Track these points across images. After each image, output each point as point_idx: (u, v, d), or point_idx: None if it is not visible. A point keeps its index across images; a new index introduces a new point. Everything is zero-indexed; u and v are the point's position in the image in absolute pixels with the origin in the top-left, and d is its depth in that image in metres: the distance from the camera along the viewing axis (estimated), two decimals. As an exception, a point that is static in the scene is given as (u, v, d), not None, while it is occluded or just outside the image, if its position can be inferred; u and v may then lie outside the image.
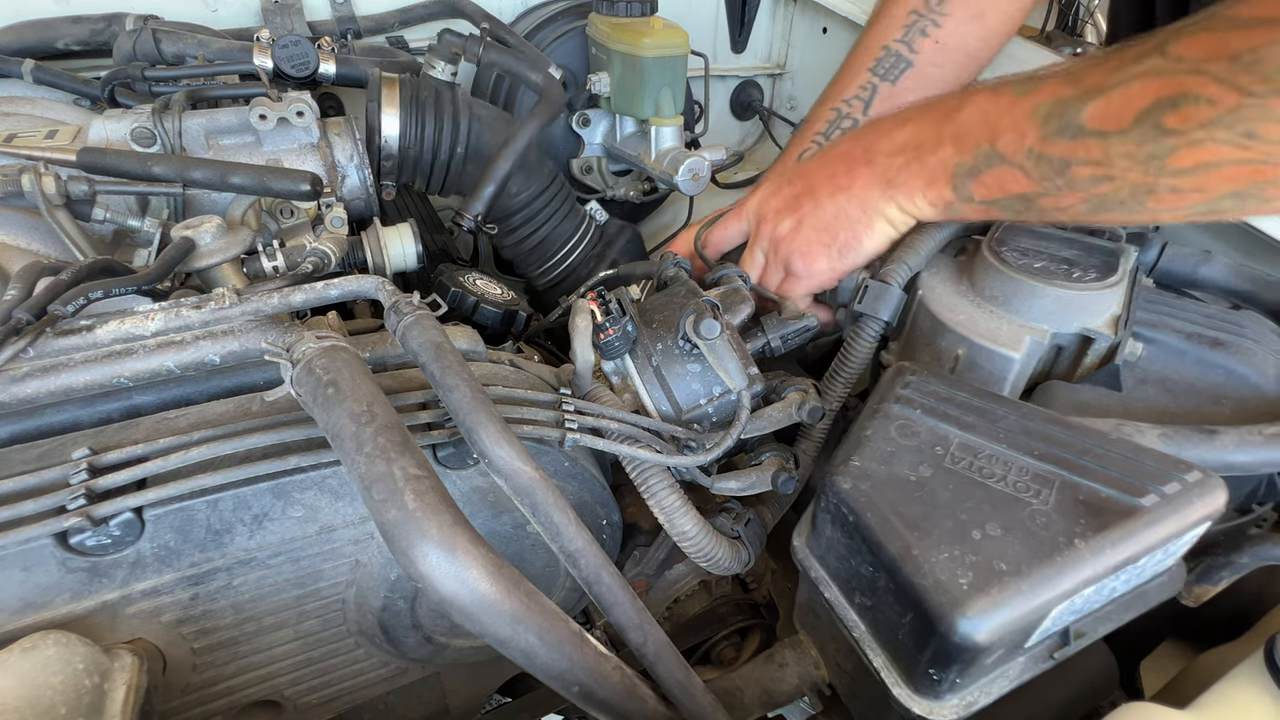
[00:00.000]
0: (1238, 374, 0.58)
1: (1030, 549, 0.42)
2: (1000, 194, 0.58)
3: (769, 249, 0.75)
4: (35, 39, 0.88)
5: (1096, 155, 0.50)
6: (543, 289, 1.05)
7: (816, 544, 0.53)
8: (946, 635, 0.41)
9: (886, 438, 0.50)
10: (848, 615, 0.51)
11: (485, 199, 0.84)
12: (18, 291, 0.50)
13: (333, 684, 0.61)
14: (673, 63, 1.00)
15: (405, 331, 0.49)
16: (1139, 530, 0.42)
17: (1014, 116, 0.55)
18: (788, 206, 0.74)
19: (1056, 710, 0.60)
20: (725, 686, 0.63)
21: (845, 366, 0.68)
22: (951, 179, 0.61)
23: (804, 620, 0.62)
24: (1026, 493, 0.45)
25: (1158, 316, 0.61)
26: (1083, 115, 0.50)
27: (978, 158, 0.58)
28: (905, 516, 0.45)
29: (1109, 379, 0.59)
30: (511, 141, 0.84)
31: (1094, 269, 0.59)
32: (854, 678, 0.56)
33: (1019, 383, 0.61)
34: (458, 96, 0.88)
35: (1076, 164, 0.52)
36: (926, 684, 0.45)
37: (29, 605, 0.45)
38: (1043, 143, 0.53)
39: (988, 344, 0.59)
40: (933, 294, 0.65)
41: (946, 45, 0.82)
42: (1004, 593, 0.40)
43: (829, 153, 0.73)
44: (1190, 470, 0.44)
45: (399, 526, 0.38)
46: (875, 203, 0.67)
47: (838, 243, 0.69)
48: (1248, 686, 0.46)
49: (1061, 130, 0.51)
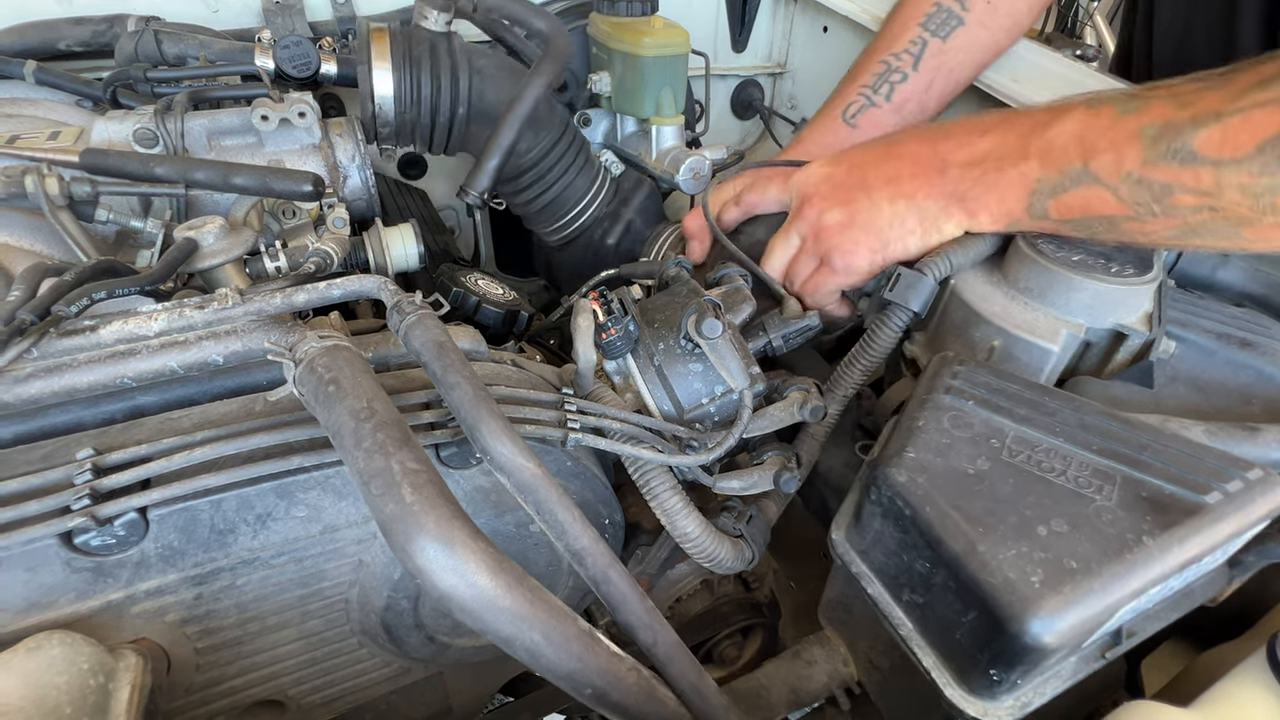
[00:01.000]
0: (1267, 375, 0.58)
1: (1099, 547, 0.41)
2: (1081, 214, 0.56)
3: (809, 234, 0.72)
4: (37, 40, 0.88)
5: (1206, 183, 0.48)
6: (555, 246, 1.01)
7: (859, 538, 0.51)
8: (1016, 635, 0.40)
9: (940, 429, 0.49)
10: (893, 612, 0.49)
11: (490, 173, 0.78)
12: (21, 292, 0.50)
13: (336, 683, 0.61)
14: (673, 62, 1.00)
15: (408, 331, 0.49)
16: (1205, 528, 0.42)
17: (1114, 136, 0.52)
18: (839, 196, 0.70)
19: (1061, 708, 0.60)
20: (750, 686, 0.62)
21: (866, 354, 0.67)
22: (1030, 195, 0.59)
23: (833, 616, 0.61)
24: (1089, 488, 0.44)
25: (1187, 315, 0.61)
26: (1195, 140, 0.48)
27: (1066, 176, 0.56)
28: (966, 511, 0.44)
29: (1142, 376, 0.58)
30: (515, 106, 0.77)
31: (1130, 264, 0.59)
32: (888, 676, 0.56)
33: (1053, 377, 0.60)
34: (454, 48, 0.81)
35: (1180, 190, 0.49)
36: (984, 684, 0.44)
37: (34, 605, 0.45)
38: (1145, 166, 0.50)
39: (1025, 335, 0.59)
40: (966, 284, 0.64)
41: (997, 7, 0.81)
42: (1077, 591, 0.40)
43: (892, 149, 0.69)
44: (1251, 468, 0.44)
45: (396, 520, 0.38)
46: (935, 216, 0.64)
47: (886, 250, 0.67)
48: (1250, 685, 0.46)
49: (1170, 154, 0.49)
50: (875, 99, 0.84)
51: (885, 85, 0.83)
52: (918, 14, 0.83)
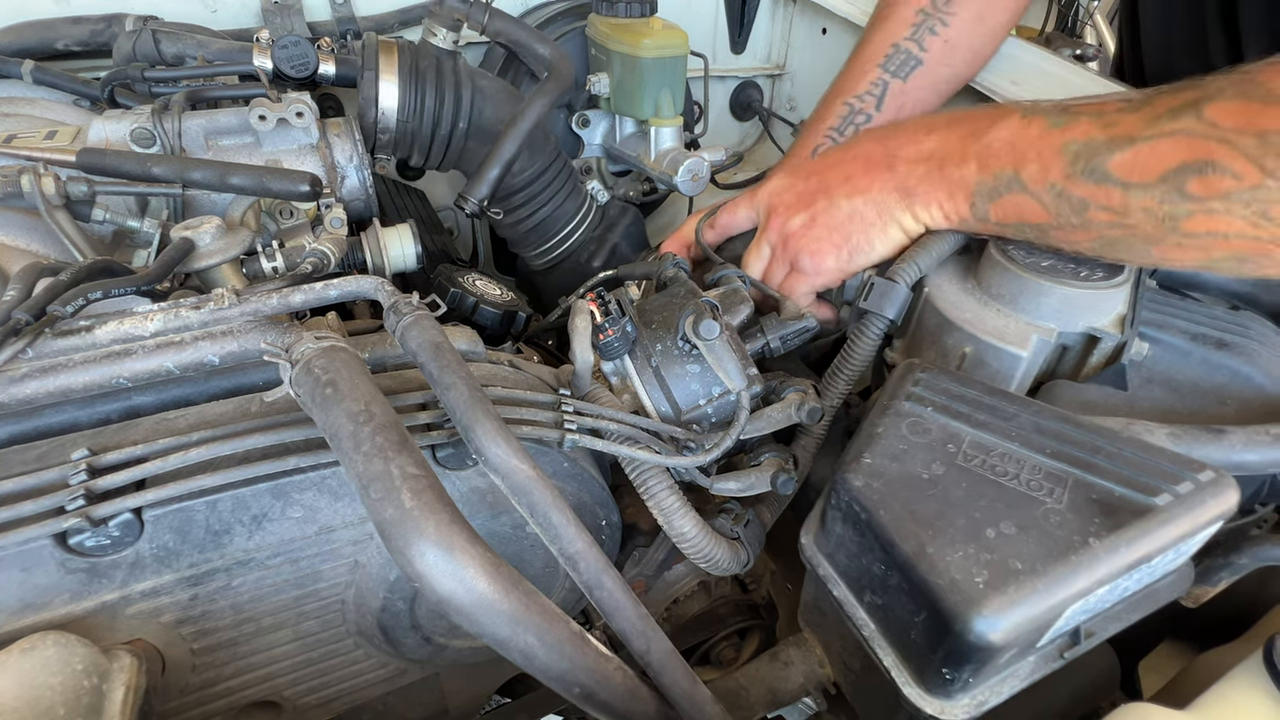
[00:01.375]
0: (1242, 375, 0.58)
1: (1045, 548, 0.42)
2: (1015, 219, 0.59)
3: (777, 243, 0.75)
4: (35, 39, 0.88)
5: (1116, 203, 0.51)
6: (540, 270, 1.03)
7: (825, 542, 0.52)
8: (961, 634, 0.41)
9: (898, 435, 0.49)
10: (857, 614, 0.50)
11: (490, 182, 0.80)
12: (17, 292, 0.50)
13: (332, 685, 0.61)
14: (672, 63, 1.00)
15: (404, 332, 0.49)
16: (1153, 529, 0.42)
17: (1041, 149, 0.55)
18: (800, 202, 0.73)
19: (1058, 710, 0.60)
20: (730, 686, 0.63)
21: (848, 364, 0.68)
22: (971, 197, 0.61)
23: (809, 618, 0.62)
24: (1040, 491, 0.45)
25: (1163, 317, 0.61)
26: (1110, 162, 0.51)
27: (999, 180, 0.58)
28: (918, 514, 0.45)
29: (1115, 378, 0.59)
30: (518, 121, 0.80)
31: (1100, 268, 0.59)
32: (860, 676, 0.56)
33: (1025, 381, 0.61)
34: (460, 67, 0.84)
35: (1095, 207, 0.53)
36: (938, 683, 0.45)
37: (28, 606, 0.45)
38: (1066, 180, 0.54)
39: (995, 342, 0.59)
40: (939, 292, 0.65)
41: (955, 44, 0.83)
42: (1020, 592, 0.40)
43: (847, 151, 0.72)
44: (1203, 469, 0.44)
45: (396, 525, 0.38)
46: (891, 208, 0.66)
47: (849, 244, 0.69)
48: (1247, 687, 0.46)
49: (1087, 172, 0.52)
50: (840, 141, 0.86)
51: (850, 127, 0.85)
52: (877, 55, 0.84)
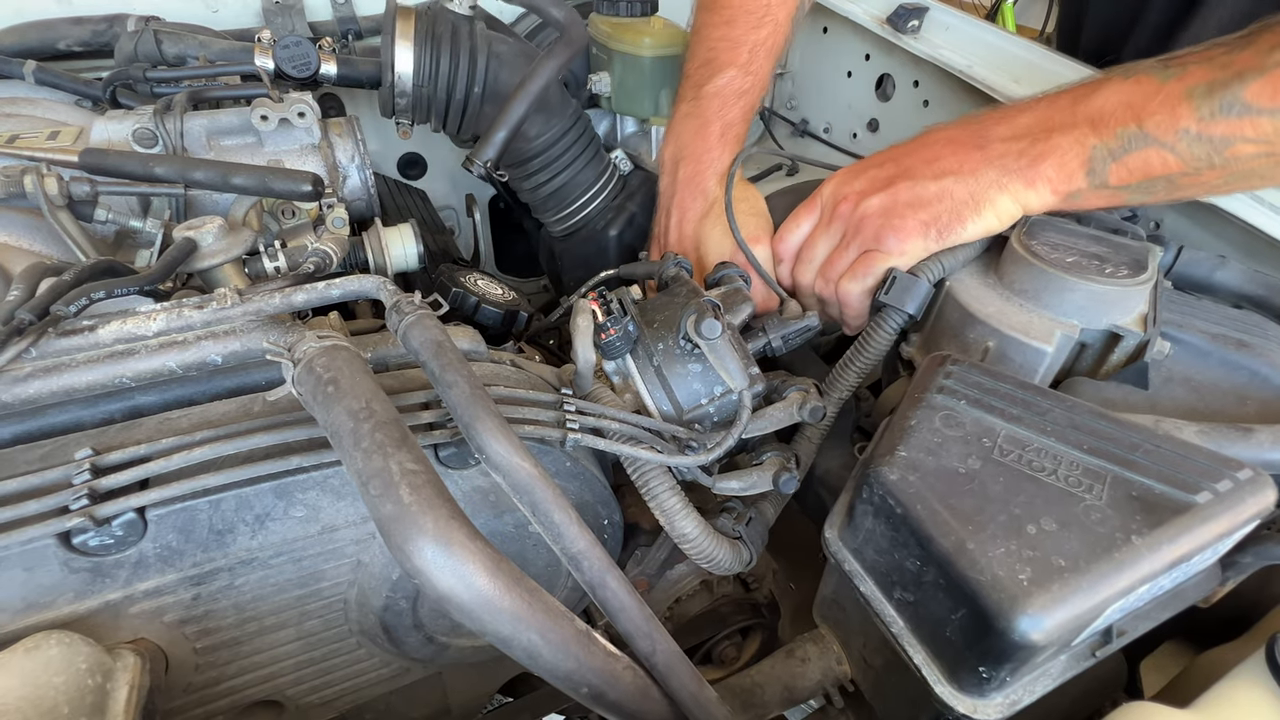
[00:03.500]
0: (1262, 375, 0.58)
1: (1088, 545, 0.41)
2: (1142, 177, 0.58)
3: (849, 226, 0.70)
4: (37, 40, 0.88)
5: (1266, 131, 0.52)
6: (558, 237, 1.02)
7: (852, 536, 0.51)
8: (1004, 632, 0.40)
9: (931, 428, 0.49)
10: (885, 610, 0.50)
11: (497, 144, 0.79)
12: (20, 292, 0.50)
13: (334, 684, 0.61)
14: (673, 62, 1.00)
15: (406, 331, 0.49)
16: (1195, 527, 0.42)
17: (1163, 99, 0.55)
18: (876, 186, 0.68)
19: (1062, 709, 0.60)
20: (744, 684, 0.62)
21: (862, 355, 0.67)
22: (1088, 162, 0.60)
23: (827, 614, 0.62)
24: (1079, 488, 0.45)
25: (1182, 317, 0.61)
26: (1245, 93, 0.51)
27: (1121, 139, 0.57)
28: (957, 510, 0.44)
29: (1137, 377, 0.58)
30: (527, 83, 0.78)
31: (1124, 266, 0.59)
32: (881, 674, 0.56)
33: (1047, 378, 0.60)
34: (476, 31, 0.84)
35: (1240, 141, 0.53)
36: (973, 682, 0.45)
37: (32, 605, 0.45)
38: (1201, 123, 0.53)
39: (1020, 336, 0.59)
40: (961, 286, 0.64)
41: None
42: (1065, 589, 0.40)
43: (926, 138, 0.69)
44: (1241, 468, 0.44)
45: (395, 521, 0.38)
46: (987, 190, 0.63)
47: (939, 222, 0.64)
48: (1249, 686, 0.46)
49: (1224, 108, 0.52)
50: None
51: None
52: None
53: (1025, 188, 0.62)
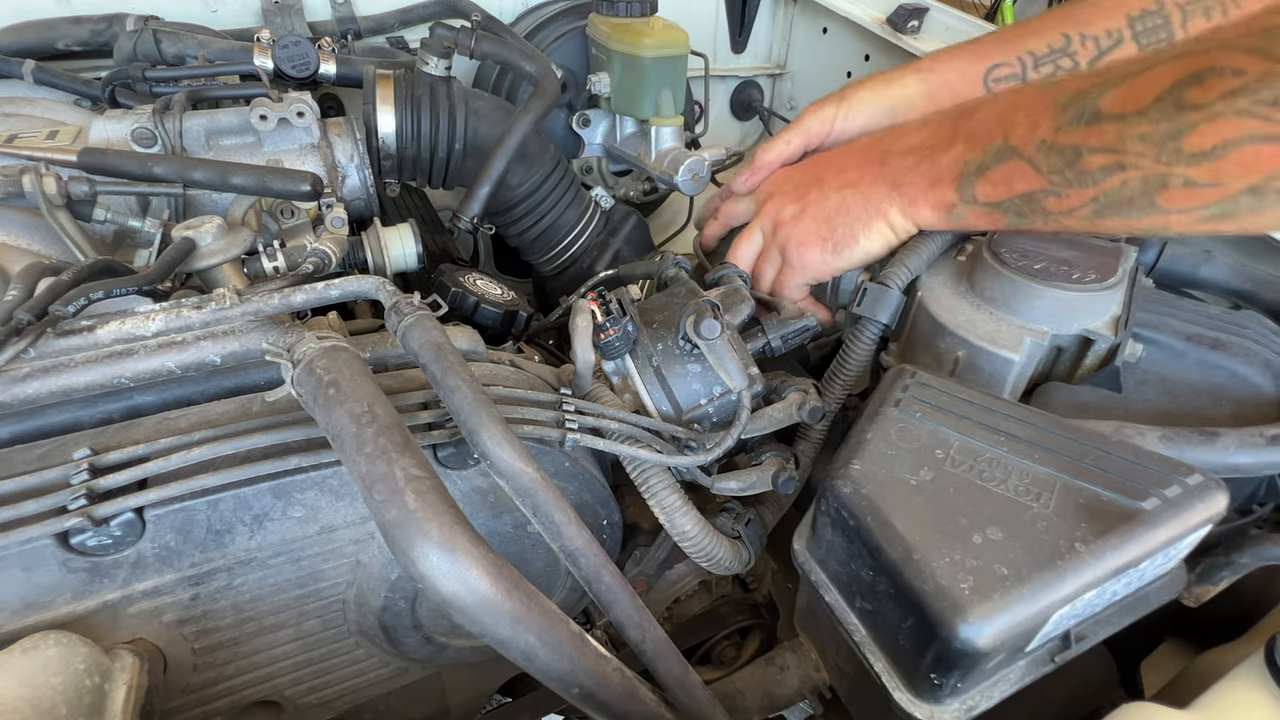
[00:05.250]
0: (1239, 375, 0.58)
1: (1031, 553, 0.42)
2: (1006, 193, 0.57)
3: (769, 230, 0.74)
4: (36, 39, 0.88)
5: (1110, 140, 0.48)
6: (548, 276, 1.05)
7: (817, 547, 0.52)
8: (948, 640, 0.41)
9: (886, 441, 0.50)
10: (848, 619, 0.51)
11: (481, 199, 0.83)
12: (19, 292, 0.50)
13: (333, 684, 0.61)
14: (673, 63, 1.00)
15: (406, 332, 0.49)
16: (1140, 533, 0.42)
17: (1031, 109, 0.53)
18: (795, 192, 0.72)
19: (1057, 710, 0.60)
20: (726, 690, 0.63)
21: (844, 368, 0.68)
22: (958, 179, 0.60)
23: (804, 623, 0.62)
24: (1027, 496, 0.45)
25: (1158, 317, 0.61)
26: (1101, 101, 0.48)
27: (989, 154, 0.57)
28: (906, 520, 0.45)
29: (1109, 380, 0.58)
30: (505, 139, 0.83)
31: (1093, 270, 0.59)
32: (854, 681, 0.56)
33: (1019, 384, 0.61)
34: (453, 91, 0.87)
35: (1088, 152, 0.50)
36: (928, 688, 0.45)
37: (30, 605, 0.45)
38: (1056, 132, 0.51)
39: (987, 346, 0.59)
40: (932, 295, 0.64)
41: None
42: (1005, 598, 0.40)
43: (847, 146, 0.72)
44: (1191, 473, 0.44)
45: (400, 527, 0.38)
46: (879, 203, 0.65)
47: (834, 237, 0.68)
48: (1248, 686, 0.46)
49: (1077, 118, 0.50)
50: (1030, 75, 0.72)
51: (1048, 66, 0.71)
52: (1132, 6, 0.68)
53: (910, 204, 0.64)
